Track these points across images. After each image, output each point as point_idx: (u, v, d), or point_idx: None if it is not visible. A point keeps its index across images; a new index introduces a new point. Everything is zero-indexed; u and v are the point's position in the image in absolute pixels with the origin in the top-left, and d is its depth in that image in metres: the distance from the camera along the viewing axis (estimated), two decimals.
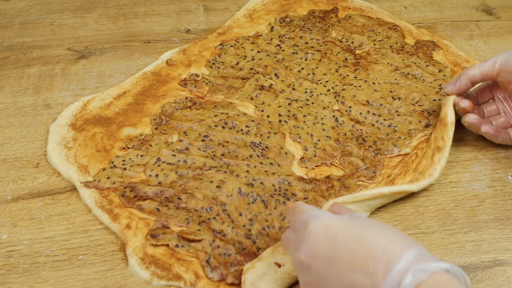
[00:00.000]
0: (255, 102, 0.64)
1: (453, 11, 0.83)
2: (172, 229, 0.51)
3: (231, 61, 0.70)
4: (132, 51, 0.74)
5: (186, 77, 0.67)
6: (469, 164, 0.59)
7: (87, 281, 0.48)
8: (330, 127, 0.61)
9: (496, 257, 0.50)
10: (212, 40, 0.73)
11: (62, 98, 0.67)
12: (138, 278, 0.48)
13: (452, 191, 0.56)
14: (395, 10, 0.83)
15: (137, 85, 0.66)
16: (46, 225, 0.53)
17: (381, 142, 0.60)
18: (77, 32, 0.78)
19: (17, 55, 0.73)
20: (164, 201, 0.53)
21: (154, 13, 0.81)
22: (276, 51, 0.71)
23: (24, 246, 0.51)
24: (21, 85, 0.69)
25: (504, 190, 0.56)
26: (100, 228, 0.52)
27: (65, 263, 0.50)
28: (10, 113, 0.65)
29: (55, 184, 0.57)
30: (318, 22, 0.76)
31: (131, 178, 0.55)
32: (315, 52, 0.70)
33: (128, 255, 0.49)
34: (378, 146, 0.59)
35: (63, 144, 0.59)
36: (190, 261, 0.49)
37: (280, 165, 0.57)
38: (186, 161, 0.57)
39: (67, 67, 0.71)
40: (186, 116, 0.62)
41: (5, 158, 0.59)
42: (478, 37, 0.77)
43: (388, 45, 0.72)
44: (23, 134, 0.62)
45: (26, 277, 0.48)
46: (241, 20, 0.78)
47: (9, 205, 0.54)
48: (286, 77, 0.67)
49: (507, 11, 0.82)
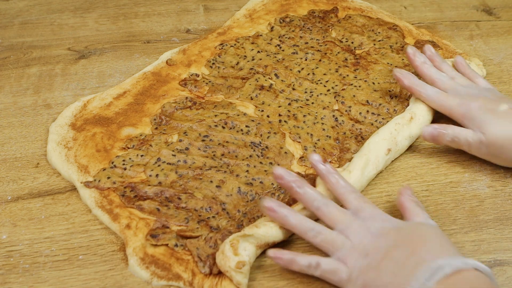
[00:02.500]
0: (255, 102, 0.64)
1: (453, 11, 0.83)
2: (172, 229, 0.51)
3: (231, 61, 0.70)
4: (132, 51, 0.74)
5: (186, 77, 0.67)
6: (469, 164, 0.59)
7: (87, 281, 0.48)
8: (330, 126, 0.61)
9: (496, 257, 0.50)
10: (212, 40, 0.73)
11: (62, 98, 0.67)
12: (138, 278, 0.48)
13: (452, 191, 0.56)
14: (395, 10, 0.83)
15: (137, 85, 0.66)
16: (46, 225, 0.53)
17: None
18: (77, 32, 0.78)
19: (17, 55, 0.73)
20: (164, 201, 0.53)
21: (154, 13, 0.81)
22: (276, 51, 0.71)
23: (24, 246, 0.51)
24: (21, 85, 0.69)
25: (504, 190, 0.56)
26: (100, 228, 0.52)
27: (65, 263, 0.50)
28: (10, 113, 0.65)
29: (55, 184, 0.57)
30: (318, 22, 0.76)
31: (131, 178, 0.55)
32: (315, 52, 0.70)
33: (128, 255, 0.49)
34: None
35: (63, 144, 0.59)
36: (187, 260, 0.49)
37: (279, 165, 0.57)
38: (186, 161, 0.57)
39: (67, 67, 0.71)
40: (186, 116, 0.62)
41: (5, 158, 0.59)
42: (478, 37, 0.77)
43: (388, 45, 0.72)
44: (23, 134, 0.62)
45: (26, 277, 0.48)
46: (241, 20, 0.78)
47: (9, 205, 0.55)
48: (286, 77, 0.67)
49: (507, 11, 0.82)
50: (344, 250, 0.46)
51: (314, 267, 0.46)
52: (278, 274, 0.49)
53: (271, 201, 0.48)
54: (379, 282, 0.43)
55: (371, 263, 0.44)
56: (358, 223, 0.47)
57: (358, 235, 0.46)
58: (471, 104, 0.57)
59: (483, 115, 0.55)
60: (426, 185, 0.57)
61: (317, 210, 0.49)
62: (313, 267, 0.46)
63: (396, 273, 0.42)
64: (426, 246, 0.44)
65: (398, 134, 0.57)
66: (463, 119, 0.57)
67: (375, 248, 0.45)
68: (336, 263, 0.46)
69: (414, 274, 0.41)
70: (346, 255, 0.46)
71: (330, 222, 0.48)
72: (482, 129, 0.55)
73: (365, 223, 0.47)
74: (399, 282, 0.42)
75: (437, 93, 0.59)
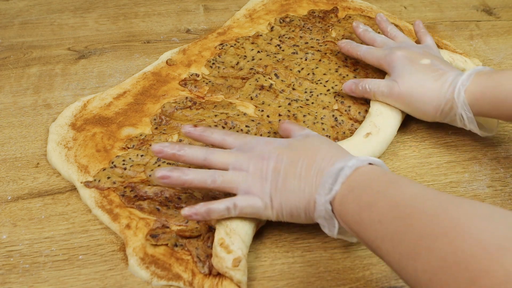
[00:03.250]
0: (255, 102, 0.64)
1: (453, 11, 0.83)
2: (172, 229, 0.51)
3: (231, 61, 0.70)
4: (132, 51, 0.74)
5: (186, 77, 0.67)
6: (469, 164, 0.59)
7: (87, 281, 0.48)
8: (330, 126, 0.61)
9: None
10: (212, 40, 0.73)
11: (62, 98, 0.67)
12: (138, 278, 0.48)
13: (452, 191, 0.56)
14: (395, 10, 0.83)
15: (137, 85, 0.66)
16: (46, 225, 0.53)
17: None
18: (77, 32, 0.78)
19: (17, 55, 0.73)
20: (164, 201, 0.53)
21: (154, 13, 0.81)
22: (276, 51, 0.71)
23: (24, 246, 0.51)
24: (21, 85, 0.69)
25: (504, 190, 0.56)
26: (100, 228, 0.52)
27: (65, 263, 0.50)
28: (10, 113, 0.65)
29: (55, 184, 0.57)
30: (318, 22, 0.76)
31: (131, 178, 0.55)
32: (315, 52, 0.70)
33: (128, 255, 0.49)
34: None
35: (63, 144, 0.59)
36: (187, 260, 0.49)
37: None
38: None
39: (67, 67, 0.71)
40: (186, 116, 0.62)
41: (5, 158, 0.59)
42: (478, 37, 0.77)
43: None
44: (23, 134, 0.62)
45: (26, 277, 0.48)
46: (241, 20, 0.78)
47: (9, 205, 0.55)
48: (286, 77, 0.67)
49: (507, 11, 0.83)
50: (246, 182, 0.48)
51: (232, 208, 0.47)
52: (278, 274, 0.49)
53: (161, 170, 0.48)
54: (291, 200, 0.46)
55: (277, 186, 0.46)
56: (248, 155, 0.49)
57: (251, 164, 0.48)
58: (397, 52, 0.60)
59: (403, 65, 0.58)
60: (426, 185, 0.57)
61: (205, 161, 0.49)
62: (232, 208, 0.47)
63: (302, 187, 0.46)
64: (320, 154, 0.47)
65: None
66: (389, 68, 0.60)
67: (273, 169, 0.47)
68: (248, 197, 0.47)
69: (320, 182, 0.45)
70: (250, 186, 0.47)
71: (222, 166, 0.49)
72: (398, 77, 0.58)
73: (254, 152, 0.49)
74: (308, 194, 0.45)
75: (369, 48, 0.64)
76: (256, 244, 0.51)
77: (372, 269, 0.49)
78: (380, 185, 0.41)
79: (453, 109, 0.55)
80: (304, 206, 0.46)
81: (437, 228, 0.34)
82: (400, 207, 0.38)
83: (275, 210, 0.47)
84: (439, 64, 0.58)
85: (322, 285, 0.48)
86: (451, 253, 0.32)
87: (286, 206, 0.47)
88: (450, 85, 0.55)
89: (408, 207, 0.37)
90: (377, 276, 0.48)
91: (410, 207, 0.37)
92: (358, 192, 0.42)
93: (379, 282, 0.48)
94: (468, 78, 0.55)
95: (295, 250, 0.50)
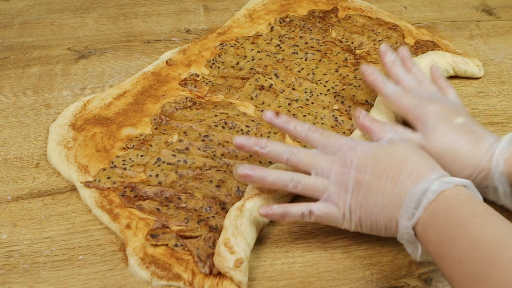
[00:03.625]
0: (255, 102, 0.64)
1: (453, 11, 0.83)
2: (172, 229, 0.51)
3: (231, 61, 0.70)
4: (132, 51, 0.74)
5: (186, 77, 0.67)
6: None
7: (87, 281, 0.48)
8: (330, 126, 0.61)
9: None
10: (212, 40, 0.73)
11: (62, 98, 0.67)
12: (138, 278, 0.48)
13: None
14: (395, 10, 0.83)
15: (137, 85, 0.66)
16: (46, 225, 0.53)
17: None
18: (77, 32, 0.78)
19: (17, 55, 0.73)
20: (164, 201, 0.53)
21: (154, 13, 0.81)
22: (276, 51, 0.71)
23: (24, 246, 0.51)
24: (21, 85, 0.69)
25: None
26: (100, 228, 0.52)
27: (65, 263, 0.50)
28: (10, 113, 0.65)
29: (55, 184, 0.57)
30: (318, 22, 0.76)
31: (131, 178, 0.55)
32: (315, 52, 0.70)
33: (128, 255, 0.49)
34: None
35: (63, 144, 0.59)
36: (187, 260, 0.49)
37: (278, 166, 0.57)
38: (186, 161, 0.57)
39: (67, 67, 0.71)
40: (186, 116, 0.62)
41: (5, 158, 0.59)
42: (478, 37, 0.77)
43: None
44: (23, 134, 0.62)
45: (26, 277, 0.48)
46: (241, 20, 0.78)
47: (9, 205, 0.55)
48: (286, 77, 0.67)
49: (507, 11, 0.83)
50: (328, 191, 0.47)
51: (307, 215, 0.47)
52: (278, 274, 0.49)
53: (244, 168, 0.48)
54: (372, 216, 0.45)
55: (358, 199, 0.46)
56: (331, 159, 0.48)
57: (333, 171, 0.47)
58: (428, 107, 0.53)
59: (436, 122, 0.52)
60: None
61: (287, 162, 0.49)
62: (307, 215, 0.47)
63: (385, 205, 0.44)
64: (406, 169, 0.45)
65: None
66: (416, 122, 0.54)
67: (355, 180, 0.46)
68: (325, 205, 0.47)
69: (402, 203, 0.43)
70: (331, 195, 0.47)
71: (304, 169, 0.49)
72: (428, 135, 0.52)
73: (336, 156, 0.48)
74: (390, 213, 0.44)
75: (397, 91, 0.56)
76: (256, 244, 0.51)
77: (372, 269, 0.49)
78: (463, 217, 0.40)
79: (487, 179, 0.49)
80: (385, 223, 0.45)
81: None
82: (481, 249, 0.37)
83: (354, 223, 0.47)
84: (474, 125, 0.52)
85: (322, 285, 0.48)
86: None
87: (367, 221, 0.46)
88: (486, 152, 0.49)
89: (489, 252, 0.36)
90: (377, 276, 0.48)
91: (491, 252, 0.36)
92: (440, 222, 0.41)
93: (379, 282, 0.48)
94: (508, 145, 0.49)
95: (295, 250, 0.50)
